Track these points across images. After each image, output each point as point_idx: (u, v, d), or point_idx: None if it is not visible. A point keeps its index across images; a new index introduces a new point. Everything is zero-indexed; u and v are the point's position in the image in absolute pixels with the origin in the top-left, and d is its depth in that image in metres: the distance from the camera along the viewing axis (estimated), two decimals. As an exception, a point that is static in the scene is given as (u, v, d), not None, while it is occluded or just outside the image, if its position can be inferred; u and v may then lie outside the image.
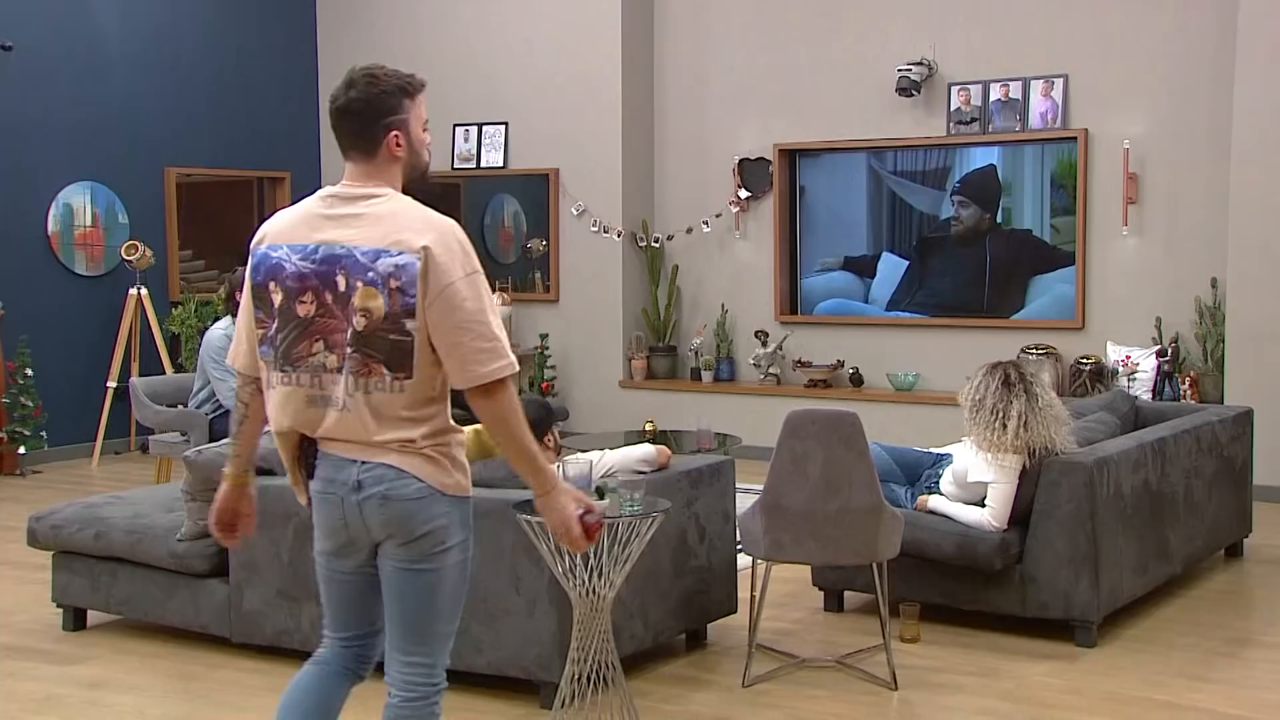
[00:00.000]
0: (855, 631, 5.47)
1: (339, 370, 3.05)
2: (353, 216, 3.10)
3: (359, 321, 3.01)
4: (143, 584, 5.42)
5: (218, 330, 7.75)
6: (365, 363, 3.03)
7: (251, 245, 3.20)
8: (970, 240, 9.46)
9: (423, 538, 3.09)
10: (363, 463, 3.08)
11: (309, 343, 3.07)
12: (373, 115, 3.20)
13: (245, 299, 3.18)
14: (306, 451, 3.19)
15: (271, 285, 3.10)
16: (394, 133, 3.18)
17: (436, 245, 3.00)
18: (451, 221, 3.10)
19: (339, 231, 3.08)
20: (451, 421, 3.19)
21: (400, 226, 3.03)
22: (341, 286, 3.03)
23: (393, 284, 2.99)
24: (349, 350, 3.03)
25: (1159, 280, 8.77)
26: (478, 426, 5.02)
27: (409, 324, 3.01)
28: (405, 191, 3.18)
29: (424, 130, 3.24)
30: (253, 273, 3.15)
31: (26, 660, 5.31)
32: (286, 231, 3.16)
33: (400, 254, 3.00)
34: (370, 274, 3.00)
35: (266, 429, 3.29)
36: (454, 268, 3.00)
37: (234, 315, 7.76)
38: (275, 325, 3.10)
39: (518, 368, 3.13)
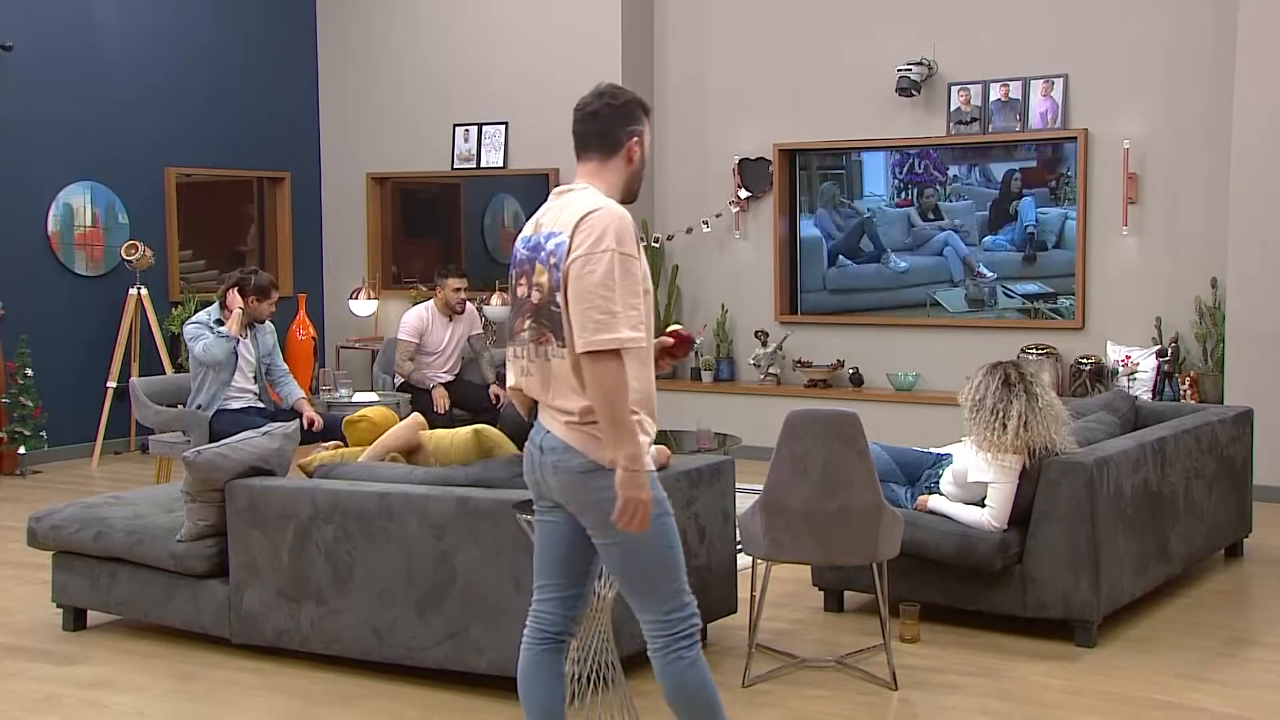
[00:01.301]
0: (855, 631, 5.47)
1: (528, 340, 3.45)
2: (556, 207, 3.49)
3: (535, 295, 3.42)
4: (143, 584, 5.42)
5: (191, 322, 7.89)
6: (541, 332, 3.41)
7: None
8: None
9: (593, 508, 3.37)
10: (546, 430, 3.45)
11: (522, 319, 3.48)
12: (619, 121, 3.58)
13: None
14: (534, 411, 3.56)
15: (512, 274, 3.55)
16: (635, 139, 3.58)
17: (583, 225, 3.34)
18: (613, 208, 3.42)
19: (543, 219, 3.50)
20: (632, 401, 3.35)
21: (571, 212, 3.39)
22: (534, 269, 3.45)
23: (552, 261, 3.37)
24: (531, 322, 3.42)
25: (1159, 280, 8.77)
26: (478, 427, 5.04)
27: (558, 297, 3.35)
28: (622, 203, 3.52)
29: (648, 149, 3.65)
30: (509, 264, 3.60)
31: (26, 660, 5.31)
32: (525, 228, 3.58)
33: (560, 234, 3.38)
34: (543, 253, 3.41)
35: (266, 429, 3.37)
36: (588, 244, 3.31)
37: (222, 304, 7.83)
38: (513, 306, 3.54)
39: (629, 345, 3.29)
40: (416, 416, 5.20)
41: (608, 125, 3.56)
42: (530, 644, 3.67)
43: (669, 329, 3.84)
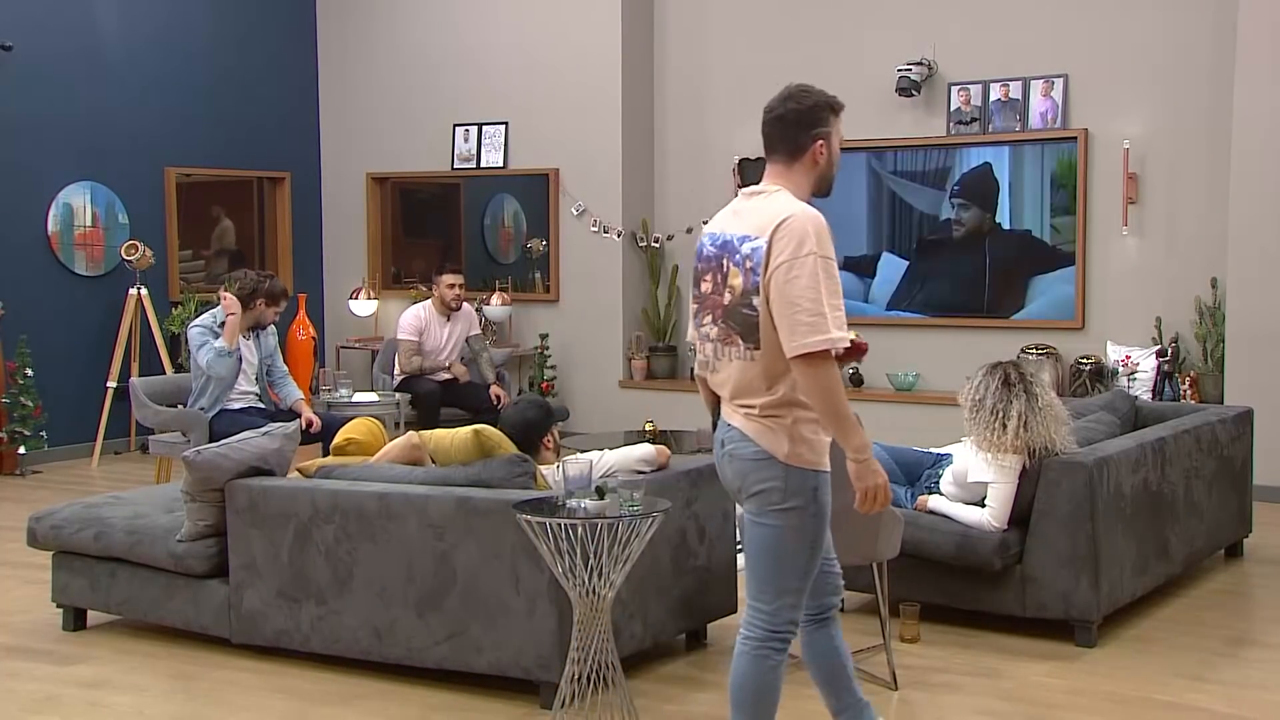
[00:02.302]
0: (855, 631, 5.45)
1: (716, 339, 3.57)
2: (748, 210, 3.60)
3: (726, 297, 3.53)
4: (143, 584, 5.42)
5: (195, 322, 7.87)
6: (728, 333, 3.53)
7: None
8: (970, 240, 9.46)
9: (757, 495, 3.52)
10: (727, 424, 3.59)
11: (705, 314, 3.61)
12: (805, 124, 3.64)
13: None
14: (716, 406, 3.71)
15: (695, 268, 3.68)
16: (819, 142, 3.63)
17: (782, 230, 3.44)
18: (809, 212, 3.50)
19: (735, 221, 3.60)
20: (801, 396, 3.47)
21: (766, 216, 3.49)
22: (725, 268, 3.55)
23: (748, 264, 3.47)
24: (721, 322, 3.54)
25: (1159, 280, 8.77)
26: (478, 427, 5.03)
27: (755, 300, 3.46)
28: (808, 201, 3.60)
29: (838, 147, 3.69)
30: (695, 257, 3.72)
31: (26, 660, 5.31)
32: (714, 224, 3.69)
33: (756, 239, 3.47)
34: (738, 256, 3.51)
35: (266, 429, 3.38)
36: (789, 250, 3.41)
37: (234, 319, 7.80)
38: (696, 302, 3.68)
39: (841, 344, 3.42)
40: (410, 436, 5.19)
41: (792, 129, 3.65)
42: (801, 626, 3.78)
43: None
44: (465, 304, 9.35)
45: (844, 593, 3.93)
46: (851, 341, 3.78)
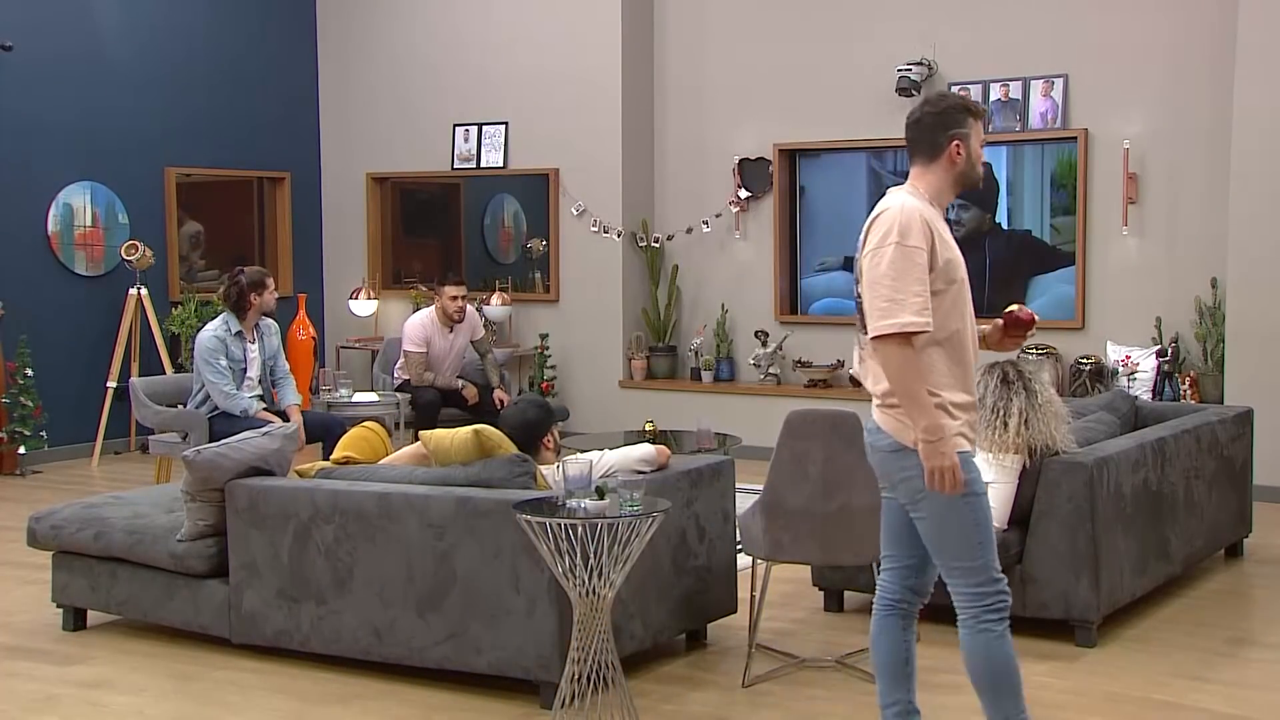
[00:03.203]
0: (855, 631, 5.46)
1: (862, 334, 3.71)
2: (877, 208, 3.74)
3: (857, 293, 3.69)
4: (143, 584, 5.42)
5: (207, 333, 7.77)
6: (865, 327, 3.66)
7: None
8: (970, 240, 9.46)
9: (902, 485, 3.68)
10: (870, 415, 3.75)
11: (859, 315, 3.72)
12: (941, 126, 3.75)
13: None
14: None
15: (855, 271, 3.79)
16: (956, 142, 3.75)
17: (875, 223, 3.63)
18: (903, 203, 3.63)
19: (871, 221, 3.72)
20: (935, 384, 3.60)
21: (882, 218, 3.64)
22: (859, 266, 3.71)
23: (860, 259, 3.66)
24: (860, 317, 3.69)
25: (1159, 280, 8.77)
26: (478, 427, 5.03)
27: (859, 289, 3.67)
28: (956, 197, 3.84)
29: (980, 148, 3.80)
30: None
31: (26, 660, 5.31)
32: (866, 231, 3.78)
33: (867, 236, 3.65)
34: (861, 252, 3.68)
35: (267, 429, 3.39)
36: (876, 239, 3.60)
37: (238, 313, 7.79)
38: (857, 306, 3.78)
39: (914, 328, 3.53)
40: (417, 447, 5.18)
41: (929, 132, 3.76)
42: (875, 610, 3.94)
43: (1005, 310, 4.07)
44: (468, 308, 9.29)
45: (928, 599, 3.98)
46: (1009, 315, 3.99)
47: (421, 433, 5.37)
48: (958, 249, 3.72)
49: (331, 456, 5.50)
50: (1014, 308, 4.09)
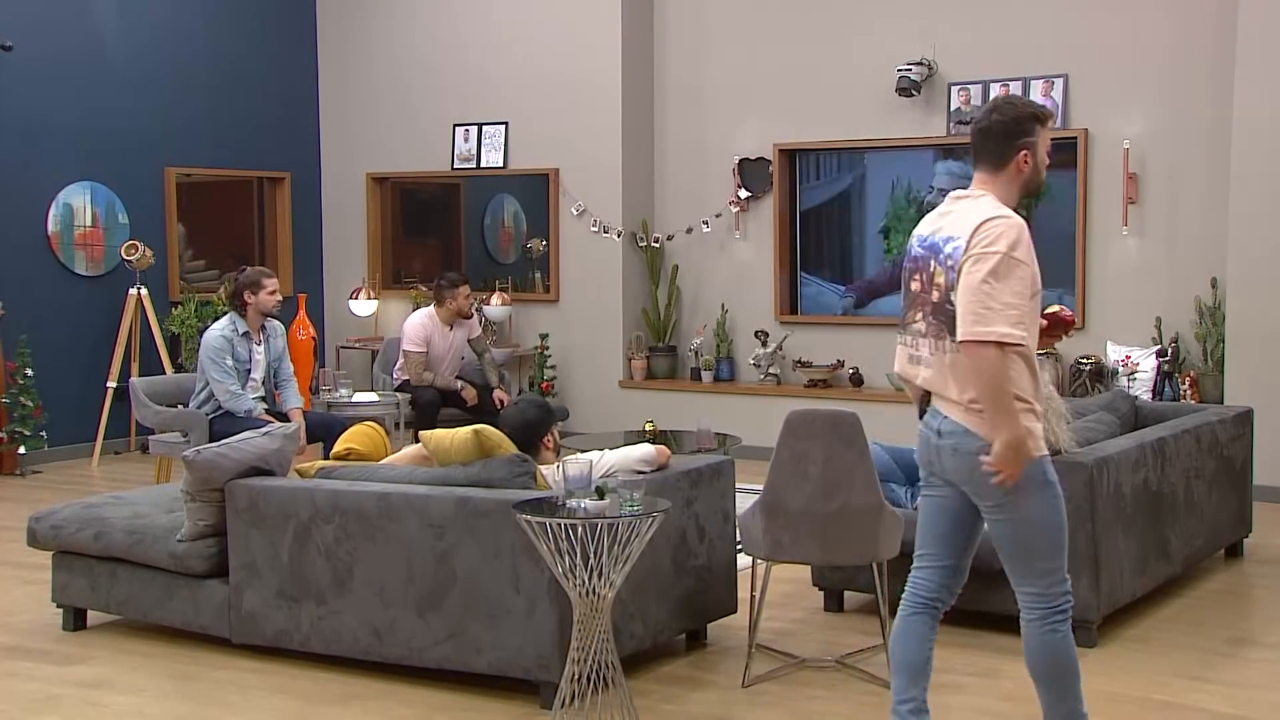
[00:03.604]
0: (855, 631, 5.47)
1: (925, 335, 3.75)
2: (955, 212, 3.76)
3: (934, 295, 3.71)
4: (143, 584, 5.42)
5: (214, 331, 7.76)
6: (939, 329, 3.70)
7: None
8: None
9: (987, 489, 3.66)
10: (944, 415, 3.73)
11: (912, 312, 3.80)
12: (1010, 136, 3.76)
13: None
14: (924, 399, 3.85)
15: (904, 268, 3.86)
16: (1024, 152, 3.76)
17: (980, 231, 3.61)
18: (1011, 217, 3.65)
19: (942, 223, 3.77)
20: (1022, 390, 3.62)
21: (968, 218, 3.67)
22: (931, 268, 3.73)
23: (949, 264, 3.65)
24: (930, 319, 3.72)
25: (1159, 280, 8.77)
26: (478, 427, 5.03)
27: (953, 296, 3.64)
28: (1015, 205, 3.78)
29: (1046, 154, 3.82)
30: (904, 257, 3.90)
31: (26, 660, 5.31)
32: (921, 225, 3.86)
33: (958, 239, 3.65)
34: (942, 255, 3.69)
35: (267, 429, 3.39)
36: (981, 245, 3.59)
37: (240, 313, 7.78)
38: (904, 299, 3.85)
39: (1010, 340, 3.54)
40: (418, 448, 5.19)
41: (996, 141, 3.77)
42: (905, 607, 3.96)
43: (1046, 311, 4.10)
44: None
45: (954, 602, 4.04)
46: (1051, 315, 4.02)
47: (421, 433, 5.38)
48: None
49: (333, 451, 5.51)
50: (1056, 308, 4.16)
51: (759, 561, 4.99)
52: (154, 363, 9.96)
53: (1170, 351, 8.56)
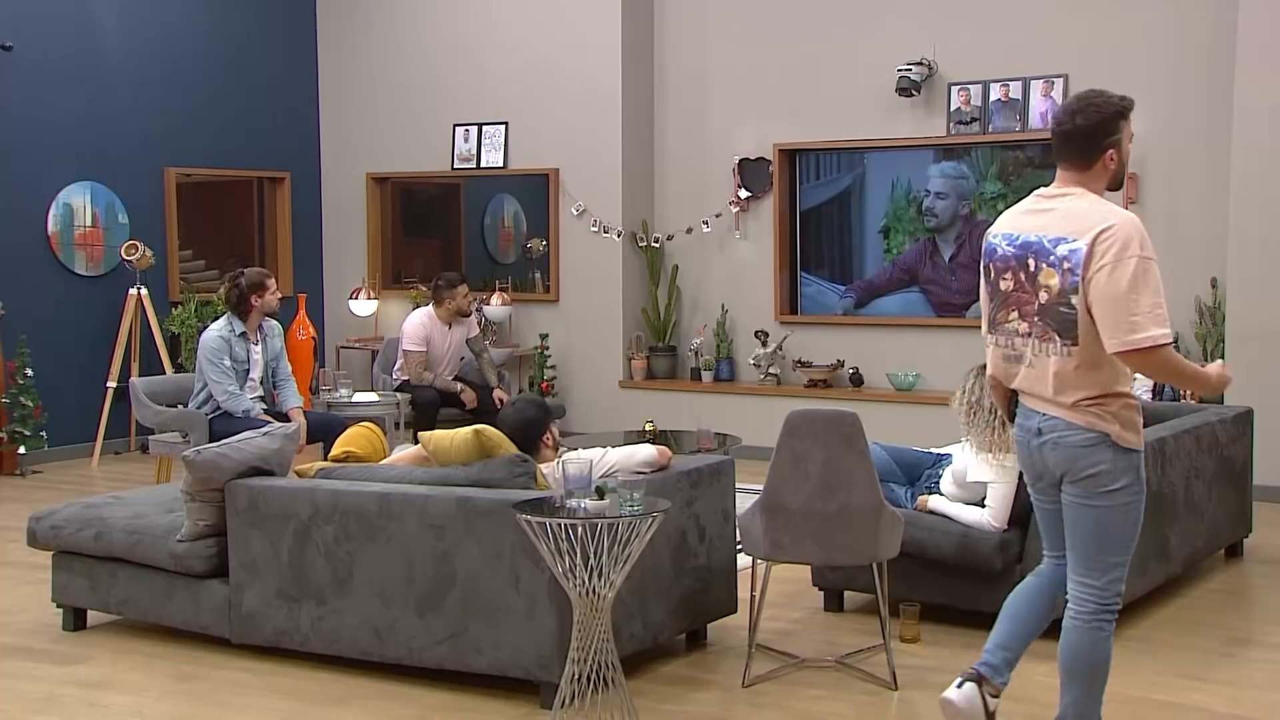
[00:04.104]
0: (855, 631, 5.47)
1: (1027, 335, 3.78)
2: (1048, 211, 3.79)
3: (1042, 296, 3.72)
4: (143, 584, 5.42)
5: (212, 332, 7.76)
6: (1045, 330, 3.73)
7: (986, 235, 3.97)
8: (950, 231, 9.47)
9: (1087, 479, 3.74)
10: (1043, 414, 3.79)
11: (1007, 311, 3.84)
12: (1097, 137, 3.79)
13: (982, 277, 3.97)
14: (1011, 399, 3.95)
15: (989, 265, 3.89)
16: (1110, 151, 3.80)
17: (1106, 236, 3.62)
18: (1126, 215, 3.69)
19: (1036, 222, 3.79)
20: (1120, 386, 3.72)
21: (1079, 219, 3.69)
22: (1031, 267, 3.75)
23: (1065, 266, 3.66)
24: (1035, 319, 3.75)
25: (1159, 280, 8.75)
26: (478, 427, 5.03)
27: (1073, 299, 3.65)
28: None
29: (1129, 144, 3.86)
30: (983, 256, 3.93)
31: (26, 660, 5.31)
32: (1004, 223, 3.91)
33: (1074, 240, 3.66)
34: (1051, 257, 3.70)
35: (267, 429, 3.39)
36: (1113, 253, 3.60)
37: (240, 315, 7.77)
38: (991, 298, 3.89)
39: (1163, 341, 3.59)
40: (418, 449, 5.19)
41: (1081, 142, 3.80)
42: (1039, 577, 4.12)
43: None
44: None
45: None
46: None
47: (421, 434, 5.37)
48: None
49: (330, 453, 5.51)
50: None
51: (759, 561, 4.99)
52: (154, 363, 9.96)
53: (1170, 351, 8.54)
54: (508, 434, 5.01)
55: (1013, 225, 3.86)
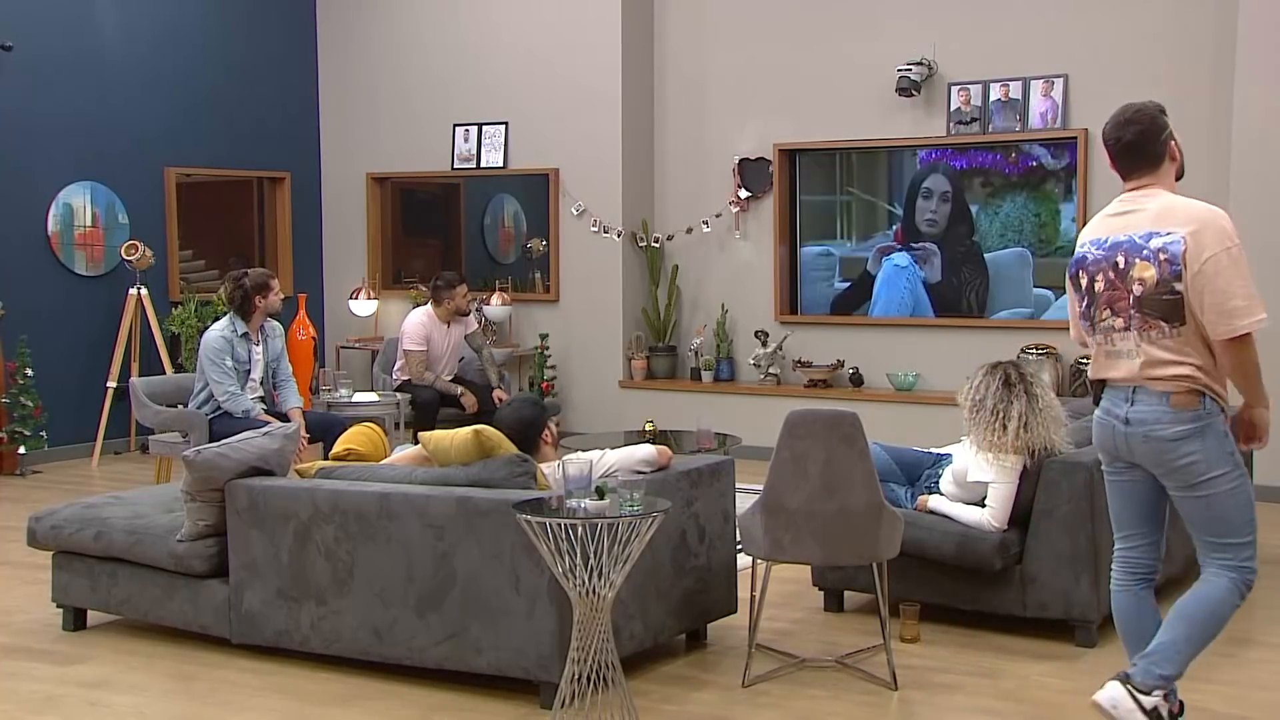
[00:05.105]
0: (855, 631, 5.47)
1: (1124, 329, 3.97)
2: (1134, 212, 4.04)
3: (1137, 289, 3.93)
4: (143, 584, 5.42)
5: (214, 332, 7.75)
6: (1146, 320, 3.93)
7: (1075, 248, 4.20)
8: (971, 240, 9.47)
9: (1184, 469, 3.93)
10: (1131, 404, 3.98)
11: (1100, 310, 4.04)
12: (1152, 139, 4.09)
13: (1068, 286, 4.20)
14: (1095, 386, 4.13)
15: (1080, 273, 4.10)
16: (1170, 143, 4.11)
17: (1198, 228, 3.89)
18: (1214, 210, 3.98)
19: (1122, 223, 4.03)
20: (1214, 368, 3.92)
21: (1172, 214, 3.96)
22: (1121, 264, 3.97)
23: (1162, 257, 3.89)
24: (1132, 312, 3.94)
25: (1159, 280, 8.76)
26: (477, 427, 5.03)
27: (1177, 286, 3.87)
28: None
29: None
30: (1070, 266, 4.17)
31: (26, 660, 5.31)
32: (1090, 232, 4.13)
33: (1168, 234, 3.91)
34: (1145, 251, 3.93)
35: (267, 429, 3.40)
36: (1213, 245, 3.87)
37: (243, 316, 7.77)
38: (1086, 302, 4.08)
39: (1262, 321, 3.85)
40: (418, 450, 5.19)
41: (1144, 148, 4.08)
42: (1127, 582, 4.22)
43: None
44: None
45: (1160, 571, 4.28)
46: None
47: (421, 434, 5.37)
48: None
49: (332, 452, 5.51)
50: None
51: (759, 561, 4.99)
52: (154, 363, 9.96)
53: (1170, 351, 8.54)
54: (506, 434, 5.01)
55: (1098, 231, 4.08)
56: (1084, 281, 4.09)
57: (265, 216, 11.50)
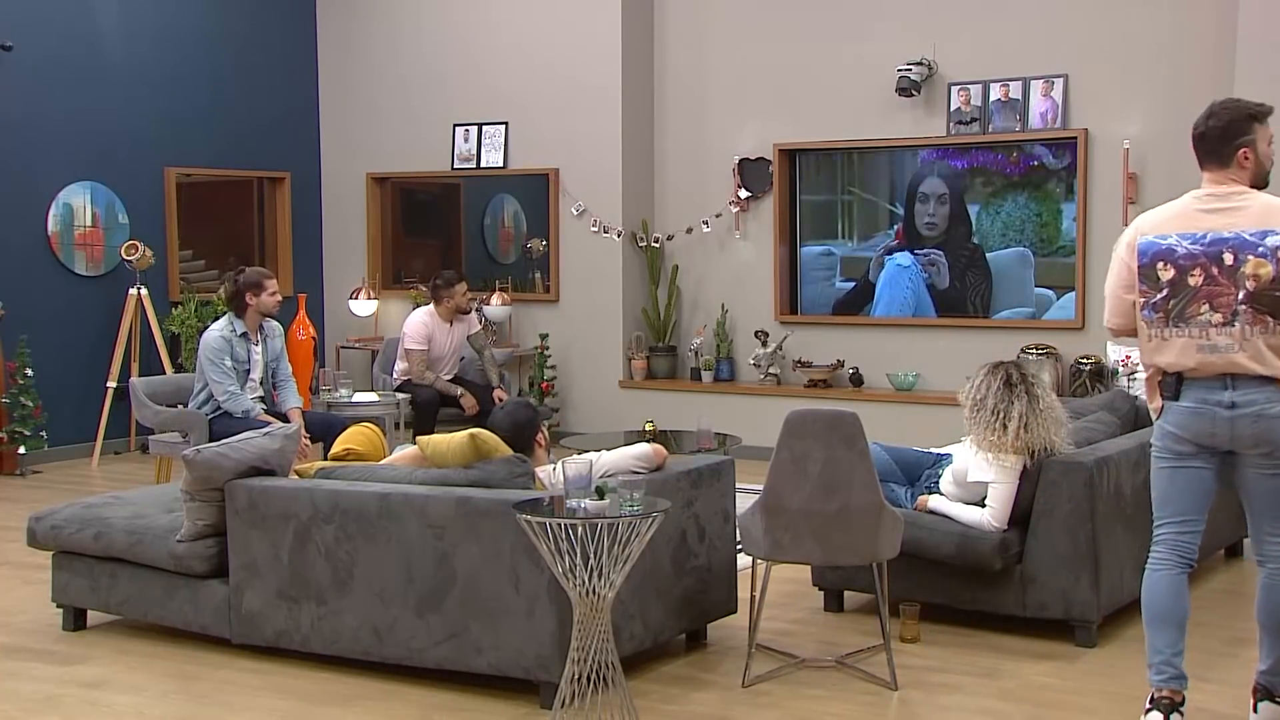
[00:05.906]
0: (855, 631, 5.47)
1: (1223, 324, 4.02)
2: (1231, 209, 4.08)
3: (1250, 284, 3.99)
4: (143, 584, 5.42)
5: (213, 332, 7.75)
6: (1255, 315, 3.99)
7: (1131, 239, 4.23)
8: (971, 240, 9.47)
9: None
10: (1238, 390, 4.04)
11: (1198, 304, 4.05)
12: (1227, 138, 4.15)
13: (1119, 276, 4.23)
14: (1167, 381, 4.16)
15: (1160, 265, 4.10)
16: (1243, 150, 4.14)
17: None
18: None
19: (1223, 220, 4.06)
20: None
21: (1274, 213, 4.03)
22: (1229, 261, 4.02)
23: (1278, 255, 3.96)
24: (1241, 307, 4.00)
25: (1159, 280, 8.76)
26: (474, 430, 5.03)
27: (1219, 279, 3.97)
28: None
29: (1269, 147, 4.20)
30: (1139, 256, 4.16)
31: (26, 660, 5.31)
32: (1166, 224, 4.16)
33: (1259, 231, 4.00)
34: (1260, 249, 4.00)
35: (267, 430, 3.41)
36: None
37: (240, 315, 7.76)
38: (1165, 294, 4.09)
39: None
40: (415, 451, 5.19)
41: (1214, 144, 4.17)
42: (1169, 566, 4.30)
43: None
44: None
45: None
46: None
47: (419, 438, 5.38)
48: None
49: (331, 451, 5.51)
50: None
51: (759, 561, 4.99)
52: (154, 363, 9.96)
53: (1170, 351, 8.54)
54: (501, 436, 5.02)
55: (1188, 225, 4.10)
56: (1168, 274, 4.10)
57: (265, 216, 11.50)
